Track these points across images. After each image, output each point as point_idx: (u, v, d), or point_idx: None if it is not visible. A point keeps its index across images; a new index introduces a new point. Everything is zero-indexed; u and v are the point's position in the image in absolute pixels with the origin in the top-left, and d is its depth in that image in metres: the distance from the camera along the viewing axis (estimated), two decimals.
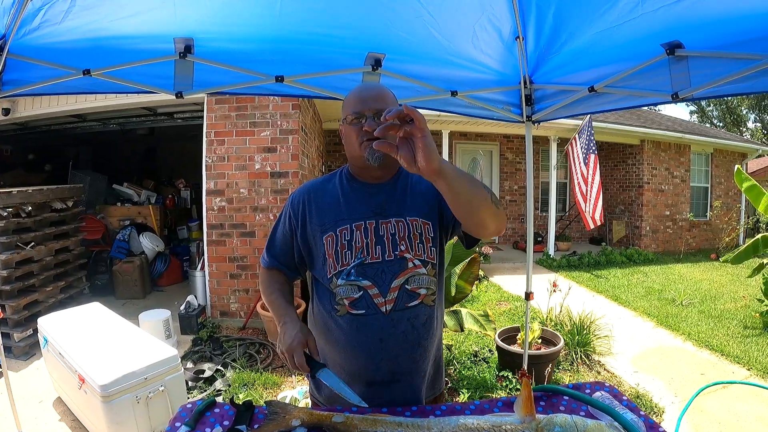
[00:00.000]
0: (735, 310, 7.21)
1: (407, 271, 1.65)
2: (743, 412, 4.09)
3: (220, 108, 6.07)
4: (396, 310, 1.63)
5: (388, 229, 1.68)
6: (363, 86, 1.71)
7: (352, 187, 1.76)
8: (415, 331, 1.66)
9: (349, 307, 1.64)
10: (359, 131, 1.59)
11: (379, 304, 1.62)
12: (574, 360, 5.02)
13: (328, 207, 1.74)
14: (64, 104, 6.77)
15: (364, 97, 1.62)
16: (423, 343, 1.69)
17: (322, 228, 1.71)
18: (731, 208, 14.13)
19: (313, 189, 1.81)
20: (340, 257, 1.66)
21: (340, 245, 1.66)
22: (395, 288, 1.63)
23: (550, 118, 3.40)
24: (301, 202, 1.78)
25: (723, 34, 2.12)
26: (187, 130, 8.62)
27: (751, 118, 33.26)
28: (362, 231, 1.67)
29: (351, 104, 1.63)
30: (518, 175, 13.38)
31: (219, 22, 2.49)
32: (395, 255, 1.66)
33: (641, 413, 1.55)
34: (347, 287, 1.64)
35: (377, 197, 1.72)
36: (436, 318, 1.75)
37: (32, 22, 2.29)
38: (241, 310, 6.26)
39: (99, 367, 3.13)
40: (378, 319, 1.62)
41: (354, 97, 1.64)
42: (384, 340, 1.62)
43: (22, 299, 5.12)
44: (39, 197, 5.77)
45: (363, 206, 1.71)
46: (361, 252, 1.65)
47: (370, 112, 1.58)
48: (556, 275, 9.28)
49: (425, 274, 1.68)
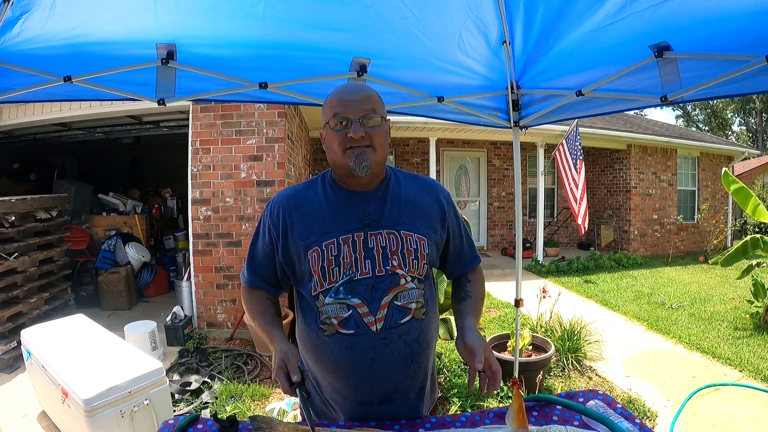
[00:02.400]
0: (725, 312, 7.23)
1: (398, 287, 1.56)
2: (736, 413, 4.08)
3: (206, 116, 6.01)
4: (386, 329, 1.53)
5: (378, 242, 1.57)
6: (346, 87, 1.61)
7: (337, 194, 1.64)
8: (408, 347, 1.57)
9: (338, 326, 1.53)
10: (343, 137, 1.50)
11: (369, 324, 1.52)
12: (565, 366, 4.99)
13: (311, 218, 1.61)
14: (48, 112, 6.71)
15: (348, 99, 1.52)
16: (417, 358, 1.61)
17: (306, 242, 1.58)
18: (718, 211, 14.24)
19: (293, 197, 1.68)
20: (327, 274, 1.55)
21: (327, 261, 1.55)
22: (385, 305, 1.53)
23: (537, 123, 3.39)
24: (281, 212, 1.64)
25: (712, 35, 2.10)
26: (172, 139, 8.55)
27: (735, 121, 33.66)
28: (350, 244, 1.56)
29: (333, 106, 1.53)
30: (506, 181, 13.41)
31: (201, 26, 2.45)
32: (386, 270, 1.55)
33: (636, 421, 1.53)
34: (335, 306, 1.53)
35: (365, 207, 1.61)
36: (429, 330, 1.66)
37: (12, 29, 2.24)
38: (228, 320, 6.19)
39: (82, 380, 3.06)
40: (369, 339, 1.52)
41: (336, 98, 1.54)
42: (376, 360, 1.53)
43: (6, 311, 5.04)
44: (22, 207, 5.69)
45: (350, 217, 1.60)
46: (349, 268, 1.54)
47: (354, 115, 1.49)
48: (546, 281, 9.30)
49: (414, 288, 1.59)
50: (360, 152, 1.50)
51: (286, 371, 1.40)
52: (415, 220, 1.64)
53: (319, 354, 1.58)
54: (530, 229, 12.97)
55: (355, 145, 1.50)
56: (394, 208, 1.63)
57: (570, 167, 9.22)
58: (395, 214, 1.62)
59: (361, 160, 1.50)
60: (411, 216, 1.64)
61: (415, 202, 1.67)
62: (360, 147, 1.50)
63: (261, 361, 5.23)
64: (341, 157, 1.52)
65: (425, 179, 1.80)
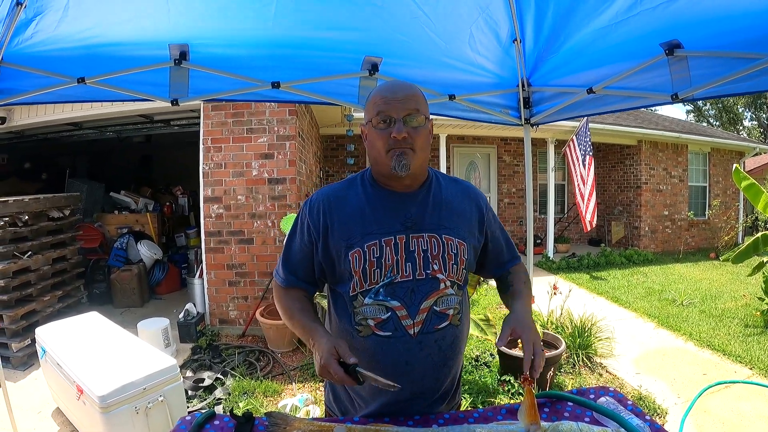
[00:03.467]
0: (736, 309, 7.19)
1: (438, 292, 1.55)
2: (746, 411, 4.07)
3: (217, 115, 6.04)
4: (423, 333, 1.52)
5: (420, 245, 1.55)
6: (390, 85, 1.56)
7: (378, 195, 1.62)
8: (442, 352, 1.57)
9: (375, 328, 1.53)
10: (386, 137, 1.48)
11: (407, 327, 1.51)
12: (576, 363, 4.99)
13: (352, 218, 1.58)
14: (60, 112, 6.75)
15: (392, 98, 1.48)
16: (448, 363, 1.61)
17: (348, 243, 1.56)
18: (729, 207, 14.14)
19: (333, 196, 1.64)
20: (368, 275, 1.53)
21: (369, 263, 1.53)
22: (425, 309, 1.53)
23: (548, 120, 3.39)
24: (321, 211, 1.61)
25: (722, 33, 2.11)
26: (183, 137, 8.58)
27: (747, 116, 33.34)
28: (392, 247, 1.54)
29: (377, 105, 1.50)
30: (516, 177, 13.35)
31: (214, 27, 2.47)
32: (427, 274, 1.54)
33: (646, 417, 1.53)
34: (374, 307, 1.52)
35: (407, 209, 1.59)
36: (462, 336, 1.66)
37: (25, 31, 2.27)
38: (240, 317, 6.22)
39: (97, 377, 3.09)
40: (405, 342, 1.51)
41: (380, 97, 1.51)
42: (410, 363, 1.53)
43: (20, 309, 5.08)
44: (35, 206, 5.73)
45: (392, 218, 1.57)
46: (390, 270, 1.52)
47: (398, 114, 1.47)
48: (556, 277, 9.27)
49: (453, 295, 1.58)
50: (401, 152, 1.49)
51: (337, 357, 1.37)
52: (456, 225, 1.63)
53: (354, 352, 1.50)
54: (540, 225, 12.91)
55: (397, 147, 1.48)
56: (436, 211, 1.62)
57: (579, 164, 9.20)
58: (437, 217, 1.61)
59: (402, 160, 1.48)
60: (452, 220, 1.63)
61: (455, 207, 1.66)
62: (402, 148, 1.48)
63: (273, 358, 5.26)
64: (384, 156, 1.51)
65: (465, 183, 1.79)
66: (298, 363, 5.15)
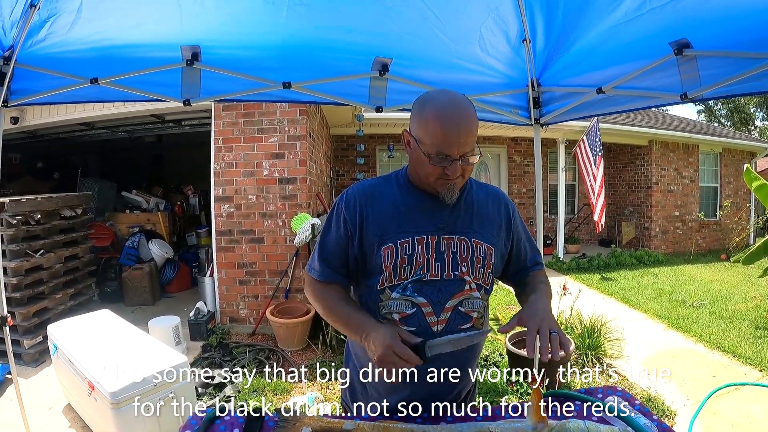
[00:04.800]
0: (746, 311, 7.14)
1: (463, 293, 1.58)
2: (756, 413, 4.05)
3: (228, 115, 6.08)
4: (447, 331, 1.55)
5: (450, 247, 1.59)
6: (452, 118, 1.46)
7: (414, 195, 1.64)
8: (462, 354, 1.58)
9: (400, 322, 1.55)
10: (439, 170, 1.48)
11: (431, 324, 1.55)
12: (585, 363, 4.98)
13: (387, 215, 1.61)
14: (72, 112, 6.81)
15: (454, 140, 1.44)
16: (467, 365, 1.64)
17: (381, 238, 1.58)
18: (741, 208, 14.01)
19: (369, 192, 1.66)
20: (398, 271, 1.56)
21: (401, 259, 1.56)
22: (449, 308, 1.56)
23: (558, 120, 3.38)
24: (358, 205, 1.62)
25: (732, 32, 2.10)
26: (195, 137, 8.64)
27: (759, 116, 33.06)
28: (424, 246, 1.57)
29: (437, 140, 1.45)
30: (526, 177, 13.30)
31: (225, 30, 2.50)
32: (455, 275, 1.57)
33: (654, 417, 1.54)
34: (401, 302, 1.55)
35: (441, 212, 1.61)
36: (482, 342, 1.70)
37: (39, 32, 2.30)
38: (250, 316, 6.26)
39: (109, 374, 3.12)
40: (429, 338, 1.50)
41: (442, 132, 1.44)
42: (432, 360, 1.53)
43: (32, 306, 5.14)
44: (48, 205, 5.79)
45: (425, 219, 1.60)
46: (421, 268, 1.56)
47: (457, 153, 1.45)
48: (566, 278, 9.24)
49: (479, 298, 1.62)
50: (452, 185, 1.52)
51: (401, 339, 1.40)
52: (486, 230, 1.66)
53: None
54: (551, 225, 12.87)
55: (447, 179, 1.50)
56: (468, 215, 1.65)
57: (591, 164, 9.18)
58: (468, 221, 1.64)
59: (452, 193, 1.54)
60: (482, 225, 1.66)
61: (486, 212, 1.69)
62: (452, 179, 1.50)
63: (283, 356, 5.29)
64: (431, 182, 1.53)
65: (494, 189, 1.81)
66: (308, 361, 5.17)
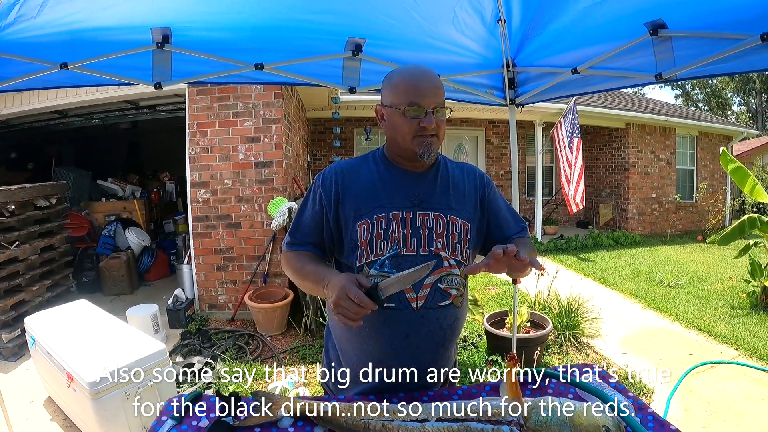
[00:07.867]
0: (722, 291, 7.27)
1: (442, 270, 1.60)
2: (732, 391, 4.14)
3: (202, 99, 6.01)
4: (426, 308, 1.58)
5: (425, 223, 1.61)
6: (419, 73, 1.59)
7: (390, 172, 1.68)
8: (442, 331, 1.61)
9: None
10: (415, 124, 1.54)
11: (410, 300, 1.56)
12: (563, 343, 5.04)
13: (364, 191, 1.64)
14: (44, 100, 6.67)
15: (424, 90, 1.54)
16: (446, 344, 1.66)
17: (357, 213, 1.62)
18: (717, 191, 14.23)
19: (346, 169, 1.70)
20: (374, 246, 1.58)
21: (376, 234, 1.59)
22: (428, 285, 1.58)
23: (533, 101, 3.39)
24: (334, 182, 1.66)
25: (707, 13, 2.11)
26: (170, 123, 8.53)
27: (735, 101, 33.50)
28: (399, 221, 1.60)
29: (408, 93, 1.54)
30: (504, 160, 13.34)
31: (197, 11, 2.45)
32: (430, 251, 1.59)
33: (630, 394, 1.56)
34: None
35: (416, 187, 1.66)
36: (461, 319, 1.71)
37: (7, 17, 2.24)
38: (229, 302, 6.24)
39: (87, 364, 3.09)
40: (408, 315, 1.57)
41: (411, 85, 1.55)
42: (410, 336, 1.57)
43: (9, 299, 5.06)
44: (22, 195, 5.69)
45: (401, 195, 1.64)
46: (396, 243, 1.58)
47: (428, 105, 1.53)
48: (544, 259, 9.34)
49: (458, 276, 1.63)
50: (429, 142, 1.56)
51: (357, 283, 1.36)
52: (462, 206, 1.69)
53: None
54: (529, 207, 12.97)
55: (424, 134, 1.55)
56: (443, 191, 1.69)
57: (565, 146, 9.23)
58: (444, 197, 1.68)
59: (430, 150, 1.57)
60: (458, 201, 1.69)
61: (461, 188, 1.73)
62: (429, 137, 1.56)
63: (262, 341, 5.29)
64: (409, 142, 1.57)
65: (469, 165, 1.85)
66: (288, 346, 5.18)
